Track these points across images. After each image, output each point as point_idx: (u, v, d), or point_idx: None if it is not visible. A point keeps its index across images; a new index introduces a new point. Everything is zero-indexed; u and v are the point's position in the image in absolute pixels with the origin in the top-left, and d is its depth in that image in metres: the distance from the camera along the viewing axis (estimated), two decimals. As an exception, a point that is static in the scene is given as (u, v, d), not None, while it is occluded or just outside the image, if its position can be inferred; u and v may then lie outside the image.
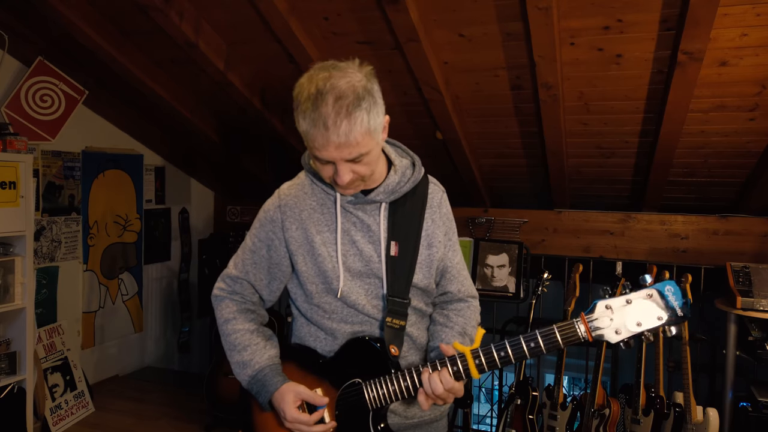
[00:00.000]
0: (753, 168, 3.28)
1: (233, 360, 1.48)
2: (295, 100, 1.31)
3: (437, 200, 1.51)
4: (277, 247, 1.48)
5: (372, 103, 1.28)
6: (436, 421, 1.56)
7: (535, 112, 3.16)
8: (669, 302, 1.23)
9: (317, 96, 1.24)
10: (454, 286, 1.53)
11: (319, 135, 1.25)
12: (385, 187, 1.43)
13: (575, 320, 1.27)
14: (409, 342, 1.48)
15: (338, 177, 1.30)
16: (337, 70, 1.29)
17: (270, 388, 1.42)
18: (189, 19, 2.94)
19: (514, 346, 1.30)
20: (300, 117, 1.28)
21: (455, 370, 1.33)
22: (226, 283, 1.55)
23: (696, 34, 2.40)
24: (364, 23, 2.77)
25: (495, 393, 4.40)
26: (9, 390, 3.07)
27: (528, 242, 3.90)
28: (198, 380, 4.32)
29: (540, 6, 2.37)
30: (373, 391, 1.38)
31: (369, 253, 1.44)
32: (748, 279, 3.16)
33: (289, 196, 1.49)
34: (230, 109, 3.86)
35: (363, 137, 1.26)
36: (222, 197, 5.27)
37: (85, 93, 3.86)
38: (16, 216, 3.06)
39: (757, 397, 3.02)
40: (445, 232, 1.51)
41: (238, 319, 1.50)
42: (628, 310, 1.25)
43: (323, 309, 1.46)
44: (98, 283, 4.31)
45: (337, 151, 1.26)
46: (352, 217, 1.45)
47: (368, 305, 1.44)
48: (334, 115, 1.23)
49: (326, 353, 1.48)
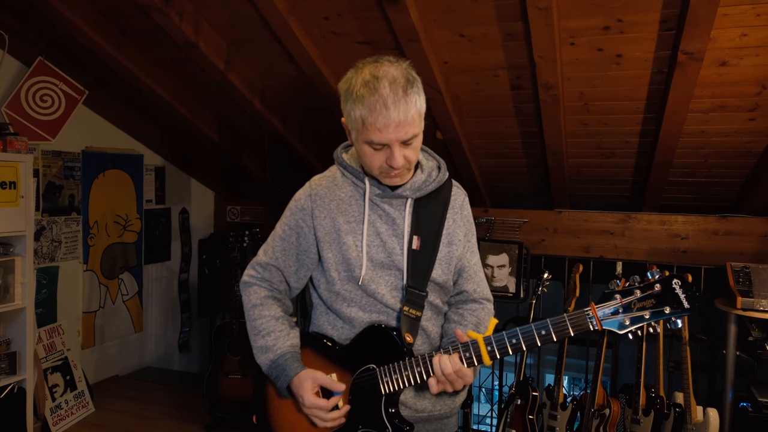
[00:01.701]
0: (753, 168, 3.28)
1: (256, 344, 1.51)
2: (345, 92, 1.39)
3: (459, 202, 1.58)
4: (306, 234, 1.53)
5: (419, 87, 1.38)
6: (446, 418, 1.57)
7: (535, 112, 3.16)
8: (675, 295, 1.30)
9: (374, 81, 1.33)
10: (470, 286, 1.58)
11: (380, 116, 1.32)
12: (412, 183, 1.50)
13: (585, 309, 1.33)
14: (423, 336, 1.52)
15: (394, 160, 1.37)
16: (383, 61, 1.38)
17: (290, 373, 1.44)
18: (189, 19, 2.94)
19: (525, 333, 1.35)
20: (355, 105, 1.35)
21: (467, 357, 1.37)
22: (256, 270, 1.59)
23: (696, 34, 2.40)
24: (364, 23, 2.77)
25: (495, 393, 4.40)
26: (9, 390, 3.07)
27: (528, 242, 3.90)
28: (198, 380, 4.32)
29: (540, 6, 2.37)
30: (387, 376, 1.42)
31: (392, 246, 1.49)
32: (748, 279, 3.16)
33: (320, 186, 1.55)
34: (230, 109, 3.87)
35: (417, 118, 1.37)
36: (222, 197, 5.28)
37: (85, 93, 3.86)
38: (17, 216, 3.06)
39: (757, 397, 3.02)
40: (465, 233, 1.57)
41: (265, 305, 1.54)
42: (637, 302, 1.31)
43: (343, 296, 1.50)
44: (98, 283, 4.31)
45: (396, 130, 1.33)
46: (379, 209, 1.50)
47: (388, 295, 1.48)
48: (393, 95, 1.32)
49: (343, 341, 1.51)
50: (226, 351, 3.74)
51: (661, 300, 1.30)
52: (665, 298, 1.30)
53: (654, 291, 1.31)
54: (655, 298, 1.30)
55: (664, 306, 1.29)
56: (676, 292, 1.29)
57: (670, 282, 1.30)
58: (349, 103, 1.37)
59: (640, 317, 1.31)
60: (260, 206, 5.05)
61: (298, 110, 3.79)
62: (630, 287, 1.33)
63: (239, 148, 4.35)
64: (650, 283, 1.31)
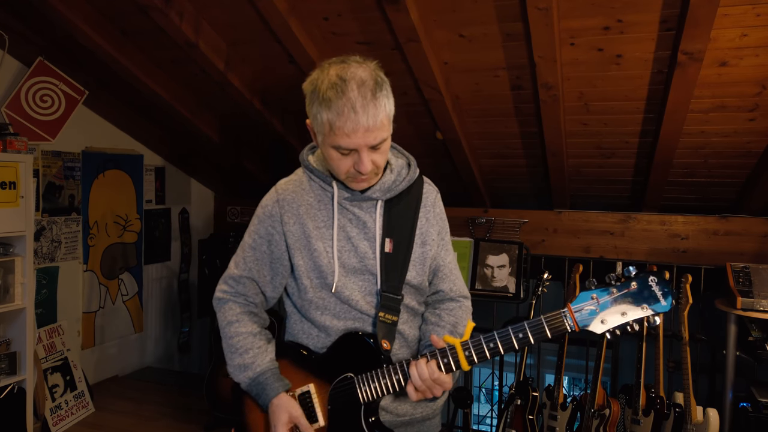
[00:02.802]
0: (753, 168, 3.28)
1: (233, 362, 1.48)
2: (310, 94, 1.33)
3: (431, 200, 1.53)
4: (278, 241, 1.48)
5: (388, 90, 1.33)
6: (428, 420, 1.56)
7: (535, 112, 3.16)
8: (653, 292, 1.27)
9: (341, 83, 1.28)
10: (446, 285, 1.55)
11: (348, 120, 1.27)
12: (381, 184, 1.45)
13: (562, 311, 1.30)
14: (401, 340, 1.49)
15: (362, 165, 1.32)
16: (349, 62, 1.33)
17: (270, 393, 1.42)
18: (189, 19, 2.94)
19: (502, 337, 1.32)
20: (321, 107, 1.29)
21: (445, 362, 1.34)
22: (229, 284, 1.54)
23: (696, 35, 2.40)
24: (364, 23, 2.77)
25: (495, 393, 4.40)
26: (9, 390, 3.07)
27: (528, 242, 3.90)
28: (198, 380, 4.32)
29: (540, 6, 2.37)
30: (365, 384, 1.40)
31: (364, 250, 1.45)
32: (748, 279, 3.16)
33: (287, 191, 1.50)
34: (230, 110, 3.86)
35: (386, 122, 1.32)
36: (222, 197, 5.28)
37: (85, 93, 3.86)
38: (16, 216, 3.06)
39: (757, 397, 3.02)
40: (438, 232, 1.53)
41: (241, 321, 1.50)
42: (614, 301, 1.29)
43: (316, 304, 1.47)
44: (98, 284, 4.31)
45: (364, 135, 1.28)
46: (349, 213, 1.46)
47: (362, 301, 1.45)
48: (362, 99, 1.27)
49: (318, 350, 1.49)
50: (226, 351, 3.73)
51: (638, 298, 1.27)
52: (642, 295, 1.27)
53: (630, 289, 1.28)
54: (632, 297, 1.28)
55: (642, 304, 1.27)
56: (653, 290, 1.27)
57: (647, 279, 1.27)
58: (315, 105, 1.31)
59: (617, 316, 1.28)
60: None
61: (297, 110, 3.79)
62: (606, 286, 1.30)
63: (239, 148, 4.35)
64: (627, 282, 1.29)
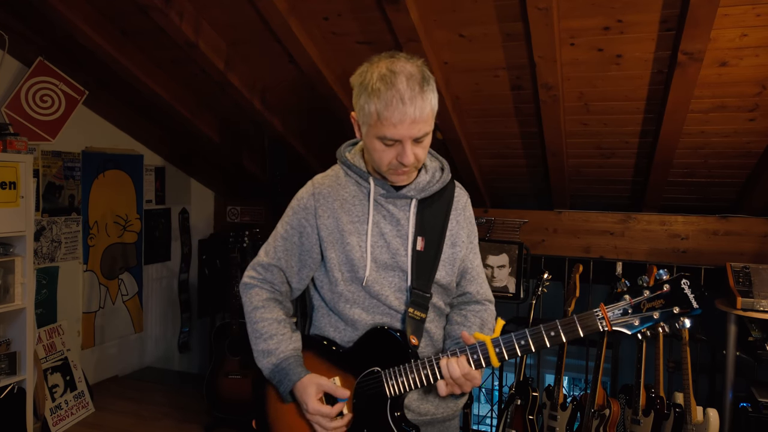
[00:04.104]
0: (753, 168, 3.28)
1: (258, 348, 1.49)
2: (359, 86, 1.37)
3: (462, 203, 1.57)
4: (309, 234, 1.50)
5: (434, 85, 1.38)
6: (448, 420, 1.57)
7: (535, 112, 3.16)
8: (685, 295, 1.30)
9: (390, 75, 1.32)
10: (473, 288, 1.57)
11: (396, 111, 1.30)
12: (416, 184, 1.48)
13: (595, 311, 1.33)
14: (427, 338, 1.51)
15: (405, 156, 1.35)
16: (398, 57, 1.38)
17: (293, 377, 1.43)
18: (189, 19, 2.94)
19: (534, 334, 1.34)
20: (370, 98, 1.33)
21: (475, 359, 1.36)
22: (257, 271, 1.56)
23: (696, 35, 2.40)
24: (364, 23, 2.77)
25: (495, 393, 4.40)
26: (9, 390, 3.07)
27: (528, 242, 3.90)
28: (198, 380, 4.32)
29: (540, 6, 2.37)
30: (392, 379, 1.40)
31: (396, 246, 1.47)
32: (748, 279, 3.16)
33: (323, 185, 1.53)
34: (230, 110, 3.87)
35: (430, 115, 1.36)
36: (222, 197, 5.28)
37: (85, 93, 3.86)
38: (16, 216, 3.06)
39: (757, 397, 3.02)
40: (468, 235, 1.56)
41: (266, 307, 1.52)
42: (646, 302, 1.31)
43: (346, 297, 1.48)
44: (98, 284, 4.31)
45: (410, 126, 1.32)
46: (383, 210, 1.49)
47: (391, 296, 1.46)
48: (410, 91, 1.31)
49: (345, 343, 1.50)
50: (226, 351, 3.74)
51: (670, 300, 1.30)
52: (674, 298, 1.30)
53: (663, 291, 1.30)
54: (665, 299, 1.30)
55: (674, 306, 1.29)
56: (685, 292, 1.29)
57: (680, 282, 1.30)
58: (363, 96, 1.35)
59: (649, 317, 1.30)
60: (260, 206, 5.05)
61: (297, 110, 3.79)
62: (639, 287, 1.33)
63: (239, 148, 4.35)
64: (659, 284, 1.31)
